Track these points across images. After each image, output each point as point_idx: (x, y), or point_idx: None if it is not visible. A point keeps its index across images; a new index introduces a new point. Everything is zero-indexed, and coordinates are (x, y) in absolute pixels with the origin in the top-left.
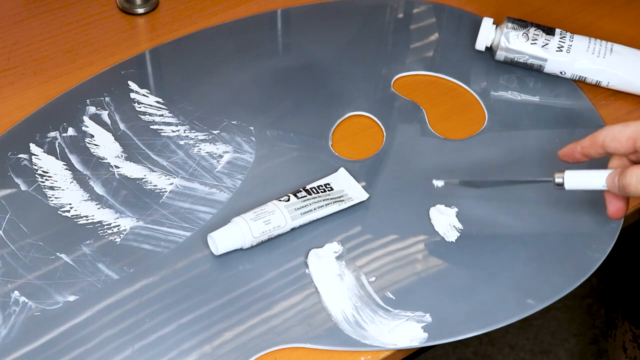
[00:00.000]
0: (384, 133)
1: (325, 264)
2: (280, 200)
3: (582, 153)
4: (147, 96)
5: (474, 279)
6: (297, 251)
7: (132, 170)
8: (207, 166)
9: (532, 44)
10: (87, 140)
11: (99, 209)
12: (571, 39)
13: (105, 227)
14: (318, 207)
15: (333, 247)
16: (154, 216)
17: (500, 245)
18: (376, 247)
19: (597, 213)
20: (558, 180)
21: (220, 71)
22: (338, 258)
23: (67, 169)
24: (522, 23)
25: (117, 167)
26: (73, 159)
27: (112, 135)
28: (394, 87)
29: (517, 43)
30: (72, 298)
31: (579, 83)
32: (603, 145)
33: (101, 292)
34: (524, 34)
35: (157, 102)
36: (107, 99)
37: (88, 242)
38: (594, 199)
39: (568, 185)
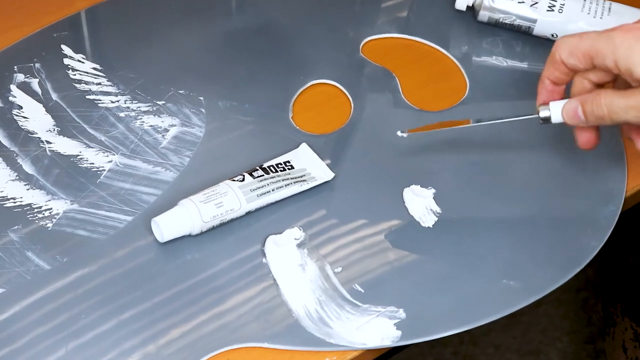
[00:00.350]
0: (352, 104)
1: (284, 253)
2: (233, 180)
3: (553, 82)
4: (82, 62)
5: (454, 269)
6: (253, 238)
7: (65, 146)
8: (151, 141)
9: (519, 2)
10: (14, 112)
11: (28, 190)
12: None
13: (36, 210)
14: (277, 188)
15: (294, 234)
16: (90, 198)
17: (483, 231)
18: (343, 233)
19: (594, 194)
20: (543, 113)
21: (166, 34)
22: (299, 246)
23: None
24: None
25: (48, 142)
26: None
27: (43, 106)
28: (362, 52)
29: (502, 2)
30: None
31: None
32: (563, 63)
33: (30, 284)
34: None
35: (94, 68)
36: (37, 65)
37: (16, 227)
38: (590, 177)
39: (555, 118)
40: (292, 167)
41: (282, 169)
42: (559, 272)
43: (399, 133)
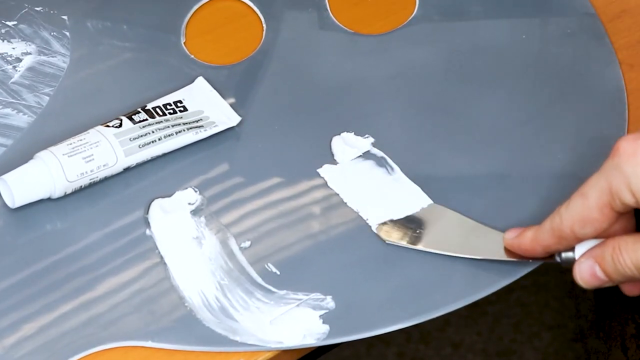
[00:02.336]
0: (264, 25)
1: (174, 222)
2: (108, 127)
3: (547, 252)
4: None
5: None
6: (133, 202)
7: None
8: None
9: None
10: None
11: None
12: None
13: None
14: (165, 137)
15: (187, 197)
16: None
17: (440, 190)
18: (251, 196)
19: (586, 143)
20: (567, 255)
21: None
22: (194, 213)
23: None
24: None
25: None
26: None
27: None
28: None
29: None
30: None
31: None
32: (577, 237)
33: None
34: None
35: None
36: None
37: None
38: (582, 121)
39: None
40: (185, 109)
41: (171, 111)
42: None
43: (377, 233)
